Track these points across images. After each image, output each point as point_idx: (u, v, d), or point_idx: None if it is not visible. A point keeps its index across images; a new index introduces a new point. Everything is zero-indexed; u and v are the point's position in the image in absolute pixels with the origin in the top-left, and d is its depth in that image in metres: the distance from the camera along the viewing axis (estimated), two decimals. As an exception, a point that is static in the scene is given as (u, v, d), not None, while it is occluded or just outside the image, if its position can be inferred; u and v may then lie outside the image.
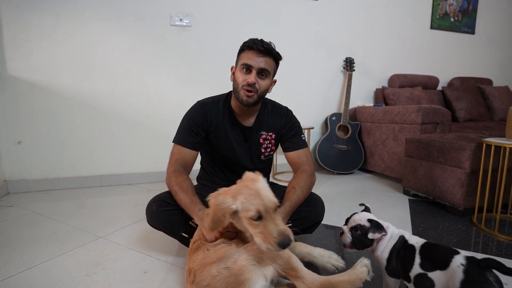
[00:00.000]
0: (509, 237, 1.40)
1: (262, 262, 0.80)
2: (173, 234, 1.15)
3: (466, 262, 0.70)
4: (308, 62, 2.89)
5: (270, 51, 1.13)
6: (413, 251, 0.81)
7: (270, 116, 1.30)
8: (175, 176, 1.12)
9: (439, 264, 0.74)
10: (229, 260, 0.82)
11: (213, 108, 1.23)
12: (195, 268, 0.86)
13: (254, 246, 0.82)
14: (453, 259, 0.72)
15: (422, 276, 0.76)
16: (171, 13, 2.41)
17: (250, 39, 1.15)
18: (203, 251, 0.90)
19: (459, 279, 0.68)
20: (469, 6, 3.49)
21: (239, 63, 1.16)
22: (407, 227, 1.53)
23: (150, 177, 2.49)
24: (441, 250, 0.77)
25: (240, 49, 1.18)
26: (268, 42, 1.14)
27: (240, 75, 1.14)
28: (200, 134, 1.21)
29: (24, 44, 2.11)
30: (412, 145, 2.02)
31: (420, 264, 0.77)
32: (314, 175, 1.24)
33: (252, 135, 1.28)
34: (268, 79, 1.17)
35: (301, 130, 1.33)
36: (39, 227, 1.53)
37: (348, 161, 2.78)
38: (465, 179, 1.64)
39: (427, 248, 0.80)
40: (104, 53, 2.29)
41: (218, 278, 0.79)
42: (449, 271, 0.71)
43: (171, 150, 1.21)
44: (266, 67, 1.13)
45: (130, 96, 2.38)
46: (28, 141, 2.19)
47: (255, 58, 1.12)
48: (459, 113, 3.00)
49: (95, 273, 1.10)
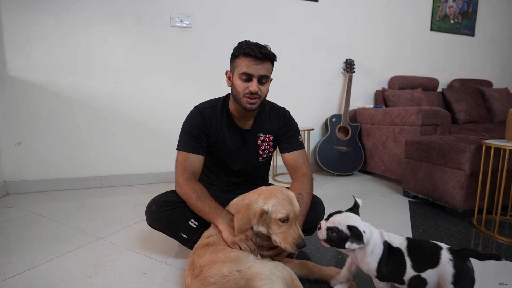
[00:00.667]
0: (509, 239, 1.40)
1: (275, 276, 0.81)
2: (173, 234, 1.15)
3: (452, 256, 0.73)
4: (308, 63, 2.89)
5: (268, 56, 1.10)
6: (401, 255, 0.81)
7: (268, 118, 1.30)
8: (190, 184, 1.11)
9: (429, 262, 0.76)
10: (242, 265, 0.83)
11: (211, 113, 1.24)
12: (201, 264, 0.86)
13: (270, 262, 0.86)
14: (441, 255, 0.75)
15: (416, 278, 0.77)
16: (172, 14, 2.41)
17: (244, 44, 1.10)
18: (211, 250, 0.91)
19: (450, 273, 0.71)
20: (469, 8, 3.50)
21: (236, 70, 1.12)
22: (407, 228, 1.53)
23: (150, 178, 2.49)
24: (426, 248, 0.80)
25: (235, 55, 1.13)
26: (263, 45, 1.11)
27: (240, 84, 1.12)
28: (202, 138, 1.21)
29: (24, 44, 2.11)
30: (412, 146, 2.02)
31: (413, 267, 0.78)
32: (312, 178, 1.26)
33: (250, 137, 1.28)
34: (268, 83, 1.17)
35: (298, 131, 1.34)
36: (39, 228, 1.53)
37: (348, 162, 2.78)
38: (465, 181, 1.64)
39: (413, 248, 0.81)
40: (104, 54, 2.29)
41: (228, 278, 0.79)
42: (440, 268, 0.74)
43: (176, 157, 1.20)
44: (266, 73, 1.12)
45: (130, 97, 2.38)
46: (28, 142, 2.19)
47: (253, 66, 1.09)
48: (459, 115, 3.00)
49: (95, 274, 1.10)
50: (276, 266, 0.85)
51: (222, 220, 1.01)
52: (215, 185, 1.33)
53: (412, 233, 1.48)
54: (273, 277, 0.80)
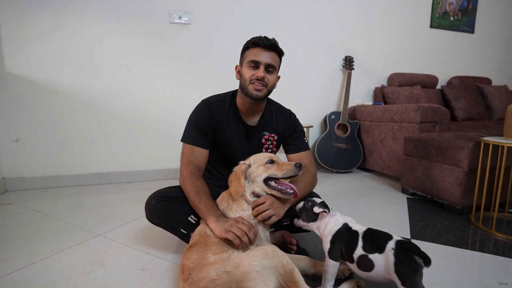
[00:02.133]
0: (506, 235, 1.41)
1: (266, 270, 0.79)
2: (172, 229, 1.16)
3: (395, 246, 0.81)
4: (307, 60, 2.88)
5: (276, 46, 1.16)
6: (356, 236, 0.91)
7: (273, 117, 1.31)
8: (193, 179, 1.12)
9: (378, 247, 0.85)
10: (229, 263, 0.80)
11: (219, 107, 1.24)
12: (189, 266, 0.85)
13: (258, 252, 0.83)
14: (387, 244, 0.83)
15: (364, 257, 0.86)
16: (170, 10, 2.40)
17: (254, 37, 1.17)
18: (197, 250, 0.90)
19: (392, 261, 0.79)
20: (468, 5, 3.49)
21: (245, 60, 1.18)
22: (405, 225, 1.54)
23: (149, 175, 2.49)
24: (379, 236, 0.88)
25: (245, 47, 1.19)
26: (271, 38, 1.17)
27: (248, 71, 1.16)
28: (208, 132, 1.22)
29: (23, 41, 2.10)
30: (411, 143, 2.02)
31: (363, 247, 0.88)
32: (316, 178, 1.27)
33: (255, 134, 1.29)
34: (274, 73, 1.20)
35: (304, 133, 1.35)
36: (38, 224, 1.53)
37: (347, 159, 2.78)
38: (463, 178, 1.64)
39: (369, 234, 0.90)
40: (103, 51, 2.28)
41: (217, 282, 0.76)
42: (385, 254, 0.82)
43: (182, 150, 1.21)
44: (273, 62, 1.16)
45: (129, 94, 2.38)
46: (27, 139, 2.19)
47: (261, 54, 1.14)
48: (458, 112, 3.00)
49: (93, 270, 1.10)
50: (265, 254, 0.82)
51: (215, 219, 0.98)
52: (215, 180, 1.33)
53: (410, 229, 1.48)
54: (264, 271, 0.78)
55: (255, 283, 0.75)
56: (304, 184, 1.17)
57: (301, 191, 1.14)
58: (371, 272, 0.85)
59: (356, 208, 1.82)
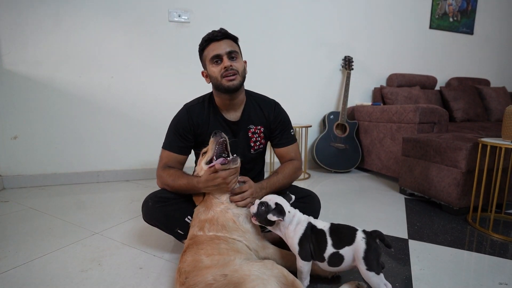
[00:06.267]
0: (502, 236, 1.41)
1: (266, 275, 0.78)
2: (169, 230, 1.16)
3: (365, 235, 0.88)
4: (306, 60, 2.88)
5: (227, 34, 1.18)
6: (323, 235, 0.93)
7: (257, 109, 1.29)
8: (165, 171, 1.18)
9: (347, 241, 0.89)
10: (228, 268, 0.78)
11: (198, 110, 1.25)
12: (186, 269, 0.84)
13: (257, 263, 0.83)
14: (356, 235, 0.88)
15: (335, 254, 0.90)
16: (170, 9, 2.39)
17: (203, 37, 1.19)
18: (191, 252, 0.90)
19: (363, 249, 0.85)
20: (468, 7, 3.50)
21: (207, 60, 1.19)
22: (403, 226, 1.54)
23: (147, 173, 2.48)
24: (345, 229, 0.93)
25: (200, 50, 1.22)
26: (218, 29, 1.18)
27: (215, 69, 1.16)
28: (187, 138, 1.23)
29: (20, 38, 2.08)
30: (409, 144, 2.03)
31: (332, 245, 0.91)
32: (300, 169, 1.31)
33: (240, 129, 1.27)
34: (239, 58, 1.19)
35: (290, 125, 1.35)
36: (35, 222, 1.53)
37: (346, 159, 2.79)
38: (460, 179, 1.65)
39: (334, 230, 0.94)
40: (102, 48, 2.27)
41: (214, 286, 0.74)
42: (355, 245, 0.87)
43: (160, 155, 1.24)
44: (232, 48, 1.16)
45: (127, 92, 2.37)
46: (24, 136, 2.18)
47: (218, 46, 1.15)
48: (456, 113, 3.01)
49: (91, 268, 1.10)
50: (264, 265, 0.82)
51: (199, 180, 1.06)
52: None
53: (408, 230, 1.49)
54: (264, 276, 0.77)
55: (254, 284, 0.73)
56: (283, 175, 1.22)
57: (280, 181, 1.19)
58: (340, 266, 0.89)
59: (354, 208, 1.83)
